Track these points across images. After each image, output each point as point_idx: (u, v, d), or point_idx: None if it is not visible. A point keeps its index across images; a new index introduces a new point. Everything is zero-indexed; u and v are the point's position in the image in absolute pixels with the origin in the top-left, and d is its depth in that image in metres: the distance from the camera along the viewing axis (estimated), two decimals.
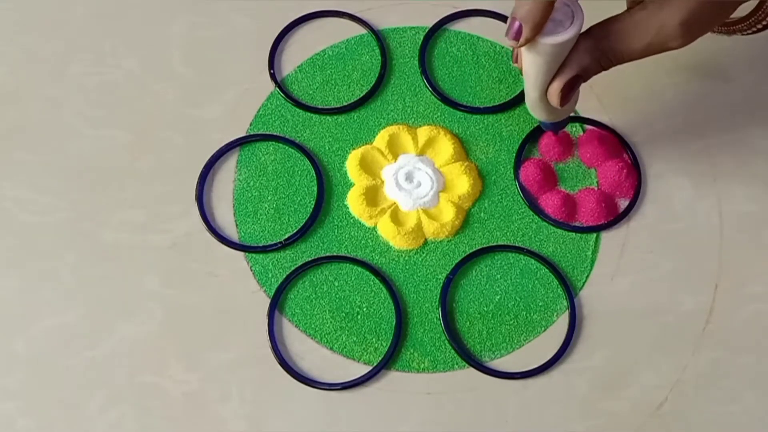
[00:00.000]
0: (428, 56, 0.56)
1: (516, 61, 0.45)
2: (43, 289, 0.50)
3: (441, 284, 0.50)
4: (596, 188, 0.52)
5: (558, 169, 0.53)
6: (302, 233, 0.51)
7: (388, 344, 0.48)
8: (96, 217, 0.51)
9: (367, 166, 0.52)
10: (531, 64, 0.43)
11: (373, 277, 0.50)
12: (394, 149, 0.53)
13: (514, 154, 0.53)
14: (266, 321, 0.49)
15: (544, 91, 0.44)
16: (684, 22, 0.40)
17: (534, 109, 0.47)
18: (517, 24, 0.40)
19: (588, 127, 0.53)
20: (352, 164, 0.53)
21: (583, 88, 0.45)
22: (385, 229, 0.51)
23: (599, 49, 0.42)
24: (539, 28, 0.40)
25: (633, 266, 0.50)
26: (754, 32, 0.46)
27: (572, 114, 0.51)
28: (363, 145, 0.53)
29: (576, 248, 0.51)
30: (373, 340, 0.49)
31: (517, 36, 0.40)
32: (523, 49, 0.42)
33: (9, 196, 0.52)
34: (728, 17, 0.43)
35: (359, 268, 0.50)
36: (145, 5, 0.57)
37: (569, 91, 0.43)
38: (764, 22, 0.44)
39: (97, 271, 0.50)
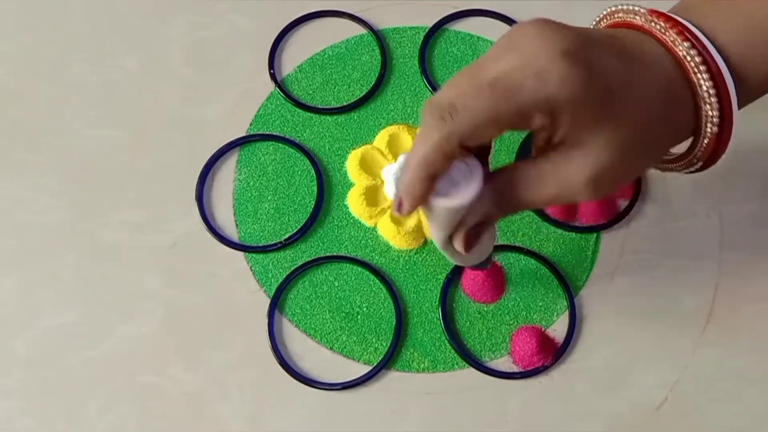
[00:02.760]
0: (428, 56, 0.56)
1: (398, 210, 0.38)
2: (43, 289, 0.50)
3: (441, 284, 0.50)
4: None
5: None
6: (302, 233, 0.51)
7: (388, 344, 0.48)
8: (96, 217, 0.51)
9: (367, 166, 0.52)
10: (429, 219, 0.39)
11: (373, 277, 0.50)
12: (394, 149, 0.53)
13: (515, 154, 0.53)
14: (266, 321, 0.49)
15: (448, 240, 0.40)
16: (590, 181, 0.36)
17: (446, 255, 0.42)
18: (398, 197, 0.37)
19: None
20: (352, 164, 0.53)
21: None
22: (385, 229, 0.51)
23: (503, 196, 0.38)
24: (420, 202, 0.36)
25: (633, 266, 0.50)
26: (691, 172, 0.41)
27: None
28: (363, 145, 0.53)
29: (576, 248, 0.51)
30: (373, 340, 0.49)
31: (399, 207, 0.37)
32: None
33: (9, 196, 0.52)
34: (640, 175, 0.39)
35: (359, 268, 0.50)
36: (145, 5, 0.57)
37: (474, 239, 0.39)
38: (699, 164, 0.40)
39: (97, 271, 0.50)
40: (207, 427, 0.47)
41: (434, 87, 0.54)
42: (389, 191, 0.52)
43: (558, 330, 0.49)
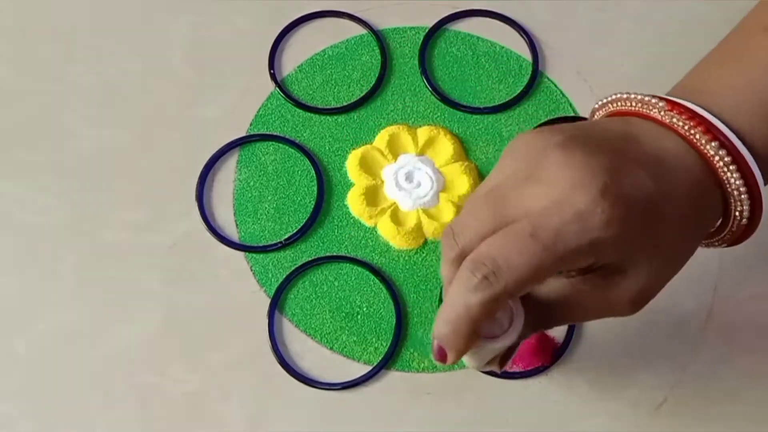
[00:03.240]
0: (428, 56, 0.56)
1: (441, 360, 0.36)
2: (43, 289, 0.50)
3: (441, 284, 0.50)
4: None
5: None
6: (302, 233, 0.51)
7: (388, 344, 0.48)
8: (96, 217, 0.51)
9: (367, 166, 0.52)
10: (468, 354, 0.38)
11: (373, 277, 0.50)
12: (394, 149, 0.53)
13: None
14: (266, 321, 0.49)
15: (484, 365, 0.39)
16: (632, 302, 0.36)
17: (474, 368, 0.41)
18: (437, 345, 0.36)
19: None
20: (352, 164, 0.53)
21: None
22: (385, 229, 0.51)
23: (536, 317, 0.37)
24: (464, 353, 0.36)
25: None
26: (719, 247, 0.40)
27: None
28: (363, 145, 0.53)
29: None
30: (373, 340, 0.49)
31: (442, 358, 0.36)
32: None
33: (9, 196, 0.52)
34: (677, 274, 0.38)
35: (359, 268, 0.50)
36: (145, 5, 0.57)
37: (509, 358, 0.39)
38: (725, 244, 0.39)
39: (97, 271, 0.50)
40: (207, 427, 0.47)
41: (434, 87, 0.54)
42: (389, 191, 0.52)
43: (558, 330, 0.49)
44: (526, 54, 0.56)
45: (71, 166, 0.53)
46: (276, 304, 0.49)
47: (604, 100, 0.39)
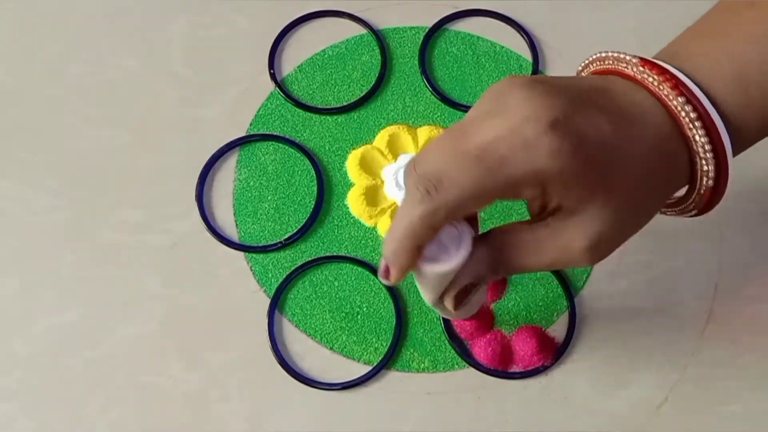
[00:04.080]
0: (428, 56, 0.56)
1: (386, 278, 0.37)
2: (43, 289, 0.50)
3: None
4: None
5: None
6: (302, 233, 0.51)
7: (388, 344, 0.48)
8: (96, 217, 0.51)
9: (367, 166, 0.52)
10: (418, 280, 0.39)
11: (373, 277, 0.50)
12: (394, 149, 0.53)
13: None
14: (266, 321, 0.49)
15: (438, 299, 0.39)
16: (588, 248, 0.35)
17: (436, 310, 0.42)
18: (383, 264, 0.36)
19: None
20: (352, 164, 0.53)
21: None
22: (385, 229, 0.51)
23: (497, 260, 0.37)
24: (407, 271, 0.36)
25: (633, 266, 0.50)
26: (689, 216, 0.41)
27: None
28: (363, 145, 0.53)
29: None
30: (373, 340, 0.49)
31: (386, 275, 0.37)
32: None
33: (9, 196, 0.52)
34: (637, 231, 0.38)
35: (359, 268, 0.50)
36: (145, 5, 0.57)
37: (464, 298, 0.38)
38: (694, 212, 0.39)
39: (97, 271, 0.50)
40: (207, 427, 0.47)
41: (434, 87, 0.55)
42: (389, 191, 0.52)
43: (558, 330, 0.49)
44: (526, 54, 0.56)
45: (71, 166, 0.53)
46: (276, 304, 0.49)
47: (586, 62, 0.39)
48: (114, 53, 0.56)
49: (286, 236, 0.51)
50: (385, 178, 0.52)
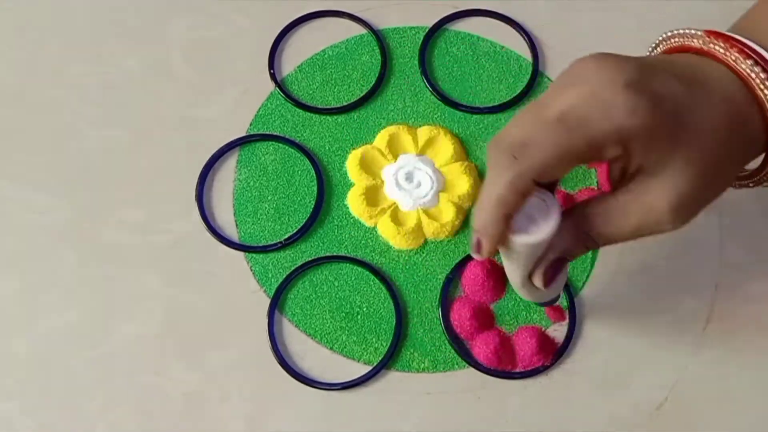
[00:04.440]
0: (428, 56, 0.56)
1: (478, 251, 0.38)
2: (43, 289, 0.50)
3: (441, 284, 0.50)
4: (597, 188, 0.52)
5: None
6: (302, 233, 0.51)
7: (388, 344, 0.48)
8: (96, 217, 0.51)
9: (367, 166, 0.52)
10: (506, 257, 0.40)
11: (373, 277, 0.50)
12: (394, 149, 0.53)
13: None
14: (266, 321, 0.49)
15: (527, 278, 0.40)
16: (673, 207, 0.36)
17: (519, 293, 0.43)
18: (475, 237, 0.37)
19: None
20: (352, 164, 0.53)
21: None
22: (385, 229, 0.51)
23: (582, 231, 0.38)
24: (499, 241, 0.37)
25: (633, 266, 0.50)
26: (766, 185, 0.41)
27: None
28: (363, 145, 0.53)
29: None
30: (373, 340, 0.49)
31: (478, 249, 0.37)
32: None
33: (9, 196, 0.52)
34: (722, 193, 0.38)
35: (359, 268, 0.50)
36: (145, 5, 0.57)
37: (554, 274, 0.39)
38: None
39: (97, 271, 0.50)
40: (207, 427, 0.47)
41: (434, 87, 0.54)
42: (389, 191, 0.52)
43: (558, 330, 0.49)
44: (526, 54, 0.56)
45: (71, 166, 0.53)
46: (276, 304, 0.49)
47: (653, 44, 0.41)
48: (114, 53, 0.56)
49: (286, 236, 0.51)
50: (385, 178, 0.52)
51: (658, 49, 0.40)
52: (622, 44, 0.55)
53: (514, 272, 0.40)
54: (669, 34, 0.39)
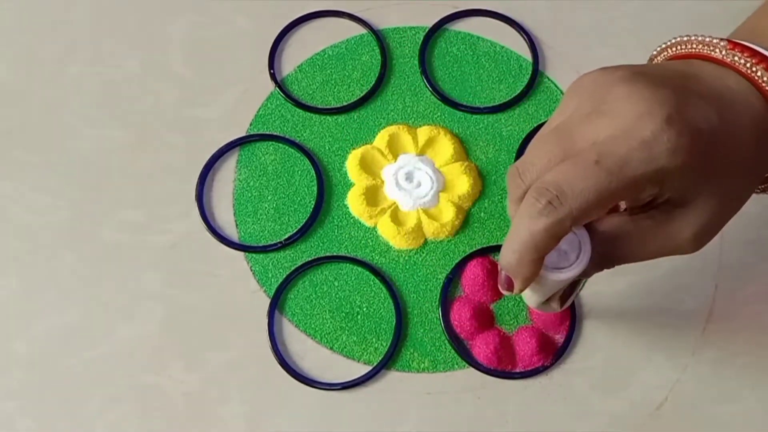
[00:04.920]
0: (428, 56, 0.56)
1: (509, 289, 0.38)
2: (43, 289, 0.50)
3: (441, 284, 0.50)
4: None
5: None
6: (302, 233, 0.51)
7: (388, 344, 0.48)
8: (96, 217, 0.51)
9: (367, 166, 0.52)
10: (532, 287, 0.39)
11: (373, 277, 0.50)
12: (394, 149, 0.53)
13: (514, 154, 0.53)
14: (266, 321, 0.49)
15: (545, 301, 0.41)
16: (696, 236, 0.36)
17: (530, 305, 0.43)
18: (504, 275, 0.37)
19: None
20: (352, 164, 0.53)
21: None
22: (385, 229, 0.51)
23: (598, 253, 0.37)
24: (531, 281, 0.36)
25: (632, 266, 0.50)
26: None
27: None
28: (363, 145, 0.53)
29: None
30: (373, 340, 0.49)
31: (509, 287, 0.37)
32: None
33: (9, 196, 0.52)
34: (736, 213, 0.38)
35: (359, 268, 0.50)
36: (145, 5, 0.57)
37: (570, 294, 0.40)
38: None
39: (97, 271, 0.50)
40: (207, 427, 0.47)
41: (434, 87, 0.54)
42: (389, 191, 0.52)
43: (558, 330, 0.49)
44: (526, 54, 0.56)
45: (71, 166, 0.53)
46: (276, 304, 0.49)
47: (663, 45, 0.39)
48: (114, 53, 0.56)
49: (286, 236, 0.51)
50: (385, 178, 0.52)
51: (671, 50, 0.39)
52: (622, 44, 0.56)
53: (533, 296, 0.40)
54: (685, 38, 0.38)
